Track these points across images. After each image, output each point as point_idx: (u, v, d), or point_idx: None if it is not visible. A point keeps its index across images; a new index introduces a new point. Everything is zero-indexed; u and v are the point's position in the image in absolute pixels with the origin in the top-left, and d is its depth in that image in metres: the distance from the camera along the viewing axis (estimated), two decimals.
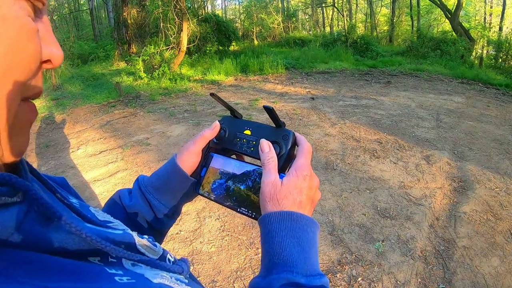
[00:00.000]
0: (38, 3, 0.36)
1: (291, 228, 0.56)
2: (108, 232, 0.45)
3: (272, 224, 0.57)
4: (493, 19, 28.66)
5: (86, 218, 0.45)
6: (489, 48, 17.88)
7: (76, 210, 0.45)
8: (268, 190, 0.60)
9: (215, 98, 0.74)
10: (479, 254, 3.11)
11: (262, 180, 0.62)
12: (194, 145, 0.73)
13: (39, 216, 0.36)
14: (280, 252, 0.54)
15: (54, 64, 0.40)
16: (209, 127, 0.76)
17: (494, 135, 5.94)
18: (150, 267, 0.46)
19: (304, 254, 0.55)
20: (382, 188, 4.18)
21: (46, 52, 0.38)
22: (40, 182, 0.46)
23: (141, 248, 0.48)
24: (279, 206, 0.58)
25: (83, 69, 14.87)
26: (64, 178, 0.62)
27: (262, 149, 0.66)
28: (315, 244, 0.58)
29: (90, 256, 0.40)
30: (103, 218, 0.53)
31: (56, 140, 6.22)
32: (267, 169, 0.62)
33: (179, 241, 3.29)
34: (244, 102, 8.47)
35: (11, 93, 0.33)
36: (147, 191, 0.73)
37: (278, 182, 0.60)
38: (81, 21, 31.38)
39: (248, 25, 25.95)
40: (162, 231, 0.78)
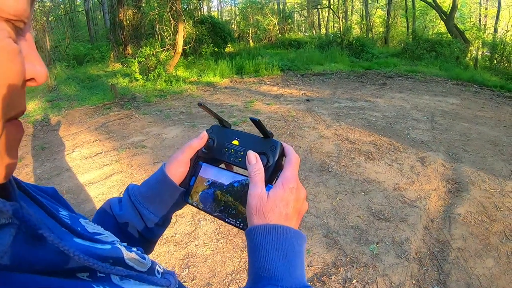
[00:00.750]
0: (19, 23, 0.36)
1: (276, 242, 0.56)
2: (96, 248, 0.45)
3: (257, 237, 0.57)
4: (488, 21, 28.82)
5: (75, 232, 0.46)
6: (484, 50, 17.98)
7: (65, 224, 0.45)
8: (254, 203, 0.60)
9: (204, 109, 0.73)
10: (474, 255, 3.12)
11: (249, 192, 0.62)
12: (182, 154, 0.73)
13: (27, 237, 0.37)
14: (265, 266, 0.54)
15: (38, 82, 0.40)
16: (197, 137, 0.76)
17: (488, 137, 5.96)
18: (138, 282, 0.47)
19: (290, 267, 0.55)
20: (377, 190, 4.19)
21: (30, 70, 0.38)
22: (28, 198, 0.46)
23: (129, 261, 0.49)
24: (265, 219, 0.58)
25: (79, 70, 14.81)
26: (54, 188, 0.62)
27: (249, 161, 0.65)
28: (301, 256, 0.58)
29: (79, 272, 0.41)
30: (92, 230, 0.53)
31: (51, 142, 6.20)
32: (253, 182, 0.62)
33: (174, 244, 3.29)
34: (239, 104, 8.47)
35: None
36: (137, 201, 0.73)
37: (264, 195, 0.60)
38: (76, 22, 31.29)
39: (244, 26, 25.98)
40: (152, 240, 0.78)
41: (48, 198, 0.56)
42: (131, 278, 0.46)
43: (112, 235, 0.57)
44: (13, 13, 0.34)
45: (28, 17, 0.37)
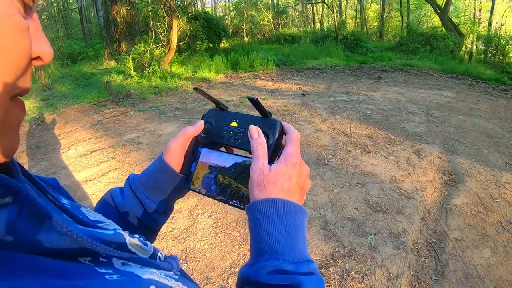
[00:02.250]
0: (29, 0, 0.36)
1: (278, 215, 0.55)
2: (98, 233, 0.44)
3: (259, 211, 0.56)
4: (483, 15, 28.87)
5: (77, 219, 0.45)
6: (479, 43, 18.01)
7: (67, 211, 0.45)
8: (256, 176, 0.59)
9: (200, 93, 0.72)
10: (471, 246, 3.14)
11: (251, 167, 0.61)
12: (175, 141, 0.72)
13: (31, 217, 0.36)
14: (267, 239, 0.54)
15: (44, 61, 0.40)
16: (193, 124, 0.75)
17: (484, 129, 5.99)
18: (140, 265, 0.46)
19: (291, 240, 0.54)
20: (374, 183, 4.20)
21: (36, 49, 0.38)
22: (31, 183, 0.46)
23: (131, 247, 0.48)
24: (266, 192, 0.57)
25: (73, 68, 14.75)
26: (55, 179, 0.62)
27: (251, 135, 0.65)
28: (303, 230, 0.58)
29: (81, 257, 0.40)
30: (94, 218, 0.53)
31: (47, 141, 6.18)
32: (256, 156, 0.62)
33: (172, 239, 3.29)
34: (235, 99, 8.46)
35: (2, 90, 0.33)
36: (138, 190, 0.73)
37: (266, 168, 0.60)
38: (70, 20, 31.10)
39: (238, 22, 25.94)
40: (154, 229, 0.77)
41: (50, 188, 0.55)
42: (134, 262, 0.46)
43: (114, 223, 0.57)
44: None
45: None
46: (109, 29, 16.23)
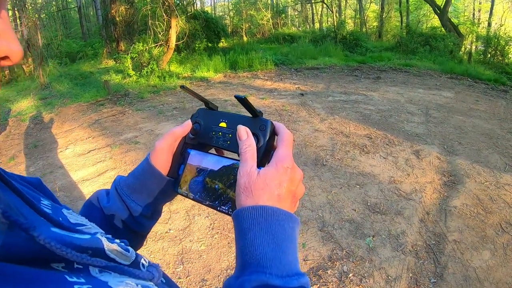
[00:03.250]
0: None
1: (265, 224, 0.51)
2: (73, 238, 0.41)
3: (244, 219, 0.52)
4: (482, 15, 28.95)
5: (53, 221, 0.42)
6: (478, 44, 18.03)
7: (43, 212, 0.42)
8: (243, 181, 0.55)
9: (186, 91, 0.68)
10: (470, 248, 3.12)
11: (238, 171, 0.57)
12: (162, 141, 0.69)
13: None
14: (253, 251, 0.50)
15: (12, 60, 0.38)
16: (181, 124, 0.71)
17: (483, 130, 5.97)
18: (118, 274, 0.43)
19: (280, 252, 0.50)
20: (372, 184, 4.17)
21: (4, 48, 0.37)
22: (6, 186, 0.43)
23: (110, 253, 0.45)
24: (253, 199, 0.53)
25: (71, 67, 14.76)
26: (39, 178, 0.59)
27: (240, 136, 0.61)
28: (294, 241, 0.53)
29: (54, 263, 0.37)
30: (75, 221, 0.50)
31: (44, 140, 6.15)
32: (243, 158, 0.58)
33: (168, 240, 3.26)
34: (233, 99, 8.42)
35: None
36: (123, 193, 0.70)
37: (253, 172, 0.55)
38: (69, 19, 31.10)
39: (237, 21, 25.97)
40: (142, 233, 0.74)
41: (31, 188, 0.53)
42: (111, 270, 0.43)
43: (97, 226, 0.54)
44: None
45: None
46: (108, 28, 16.23)
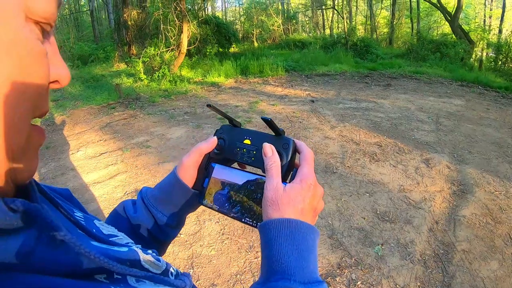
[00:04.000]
0: (47, 26, 0.37)
1: (290, 235, 0.56)
2: (114, 251, 0.46)
3: (271, 231, 0.57)
4: (493, 22, 28.70)
5: (91, 234, 0.46)
6: (489, 51, 17.88)
7: (81, 226, 0.46)
8: (270, 195, 0.60)
9: (212, 109, 0.72)
10: (478, 257, 3.12)
11: (265, 185, 0.62)
12: (189, 157, 0.73)
13: (50, 239, 0.37)
14: (279, 259, 0.54)
15: (61, 84, 0.42)
16: (206, 140, 0.76)
17: (493, 138, 5.95)
18: (153, 283, 0.47)
19: (303, 261, 0.55)
20: (382, 192, 4.18)
21: (54, 73, 0.39)
22: (46, 200, 0.47)
23: (145, 264, 0.49)
24: (280, 212, 0.58)
25: (83, 70, 14.87)
26: (68, 190, 0.63)
27: (265, 153, 0.66)
28: (314, 251, 0.58)
29: (97, 274, 0.41)
30: (107, 232, 0.54)
31: (56, 142, 6.22)
32: (269, 174, 0.62)
33: (178, 244, 3.29)
34: (244, 104, 8.47)
35: (24, 114, 0.35)
36: (150, 204, 0.74)
37: (280, 187, 0.60)
38: (81, 22, 31.41)
39: (248, 27, 26.03)
40: (165, 242, 0.78)
41: (63, 200, 0.57)
42: (147, 280, 0.47)
43: (126, 236, 0.58)
44: (43, 16, 0.36)
45: (54, 21, 0.38)
46: (120, 32, 16.37)
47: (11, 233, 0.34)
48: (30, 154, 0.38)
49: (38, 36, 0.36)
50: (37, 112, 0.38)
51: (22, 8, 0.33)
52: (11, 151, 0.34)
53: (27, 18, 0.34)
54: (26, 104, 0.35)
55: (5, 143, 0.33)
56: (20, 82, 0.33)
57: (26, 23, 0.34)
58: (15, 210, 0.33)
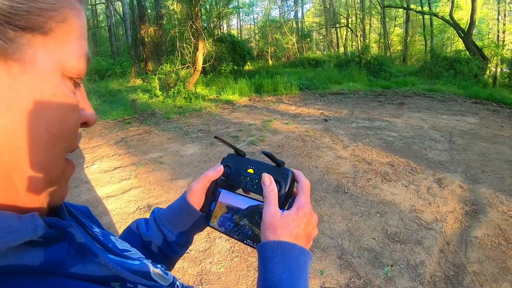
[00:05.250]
0: (78, 79, 0.45)
1: (283, 256, 0.62)
2: (128, 263, 0.53)
3: (267, 251, 0.63)
4: (507, 37, 28.45)
5: (108, 248, 0.54)
6: (503, 66, 17.67)
7: (99, 241, 0.54)
8: (268, 219, 0.67)
9: (219, 141, 0.81)
10: (490, 279, 3.08)
11: (264, 210, 0.68)
12: (197, 184, 0.81)
13: (77, 252, 0.45)
14: (272, 277, 0.61)
15: (89, 124, 0.51)
16: (213, 168, 0.83)
17: (507, 157, 5.89)
18: None
19: (293, 280, 0.61)
20: (393, 212, 4.17)
21: (84, 115, 0.48)
22: (72, 218, 0.55)
23: (154, 276, 0.56)
24: (276, 235, 0.65)
25: (100, 84, 15.17)
26: (87, 207, 0.70)
27: (264, 182, 0.73)
28: (306, 272, 0.64)
29: (113, 282, 0.48)
30: (122, 247, 0.61)
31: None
32: (268, 201, 0.70)
33: (188, 260, 3.33)
34: (257, 123, 8.54)
35: (61, 153, 0.44)
36: (161, 224, 0.81)
37: (277, 213, 0.67)
38: (99, 37, 32.14)
39: (263, 45, 26.29)
40: (174, 258, 0.85)
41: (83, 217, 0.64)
42: None
43: (138, 252, 0.65)
44: (76, 73, 0.44)
45: (84, 74, 0.46)
46: (137, 48, 16.68)
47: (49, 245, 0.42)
48: (63, 183, 0.48)
49: (71, 89, 0.44)
50: (69, 149, 0.46)
51: (59, 67, 0.41)
52: (50, 180, 0.43)
53: (63, 76, 0.42)
54: (63, 144, 0.43)
55: (46, 174, 0.42)
56: (58, 128, 0.41)
57: (62, 80, 0.42)
58: (51, 226, 0.42)
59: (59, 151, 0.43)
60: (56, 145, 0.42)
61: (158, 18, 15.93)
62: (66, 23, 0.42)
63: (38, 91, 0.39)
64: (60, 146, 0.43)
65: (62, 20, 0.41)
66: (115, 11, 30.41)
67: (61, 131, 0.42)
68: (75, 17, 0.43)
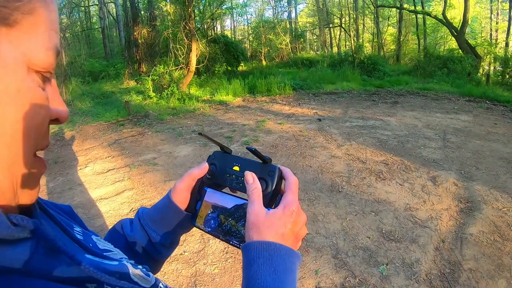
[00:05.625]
0: (47, 73, 0.43)
1: (268, 257, 0.59)
2: (105, 264, 0.49)
3: (251, 252, 0.60)
4: (499, 35, 28.65)
5: (86, 248, 0.51)
6: (496, 65, 17.74)
7: (77, 240, 0.51)
8: (252, 218, 0.63)
9: (204, 137, 0.77)
10: (486, 276, 3.08)
11: (247, 209, 0.65)
12: (182, 182, 0.77)
13: (46, 250, 0.42)
14: (256, 279, 0.57)
15: (61, 121, 0.48)
16: (198, 166, 0.80)
17: (501, 154, 5.90)
18: None
19: (279, 282, 0.57)
20: (388, 211, 4.16)
21: (54, 112, 0.46)
22: (46, 216, 0.52)
23: (134, 277, 0.53)
24: (261, 235, 0.61)
25: (94, 86, 15.12)
26: (70, 206, 0.67)
27: (246, 181, 0.69)
28: (293, 273, 0.61)
29: (88, 283, 0.45)
30: (103, 247, 0.58)
31: (65, 157, 6.31)
32: (251, 199, 0.66)
33: (182, 261, 3.30)
34: (251, 123, 8.52)
35: (27, 150, 0.41)
36: (146, 224, 0.78)
37: (261, 212, 0.63)
38: (92, 39, 32.00)
39: (257, 45, 26.26)
40: (159, 260, 0.82)
41: (64, 215, 0.61)
42: None
43: (121, 252, 0.61)
44: (43, 66, 0.41)
45: (53, 68, 0.44)
46: (130, 50, 16.62)
47: (13, 243, 0.39)
48: (32, 182, 0.44)
49: (39, 84, 0.42)
50: (39, 146, 0.44)
51: (24, 62, 0.39)
52: (16, 180, 0.41)
53: (29, 69, 0.40)
54: (30, 142, 0.41)
55: (12, 174, 0.40)
56: (24, 125, 0.39)
57: (28, 74, 0.40)
58: (16, 224, 0.39)
59: (25, 149, 0.40)
60: (21, 143, 0.39)
61: (151, 19, 15.89)
62: (33, 15, 0.40)
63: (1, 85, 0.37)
64: (26, 144, 0.40)
65: (29, 11, 0.39)
66: (108, 12, 30.29)
67: (26, 128, 0.39)
68: (43, 9, 0.41)
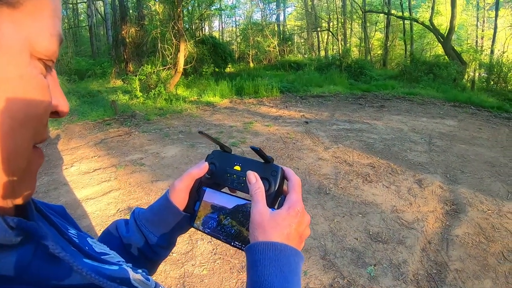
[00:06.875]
0: (49, 62, 0.41)
1: (274, 258, 0.58)
2: (105, 269, 0.48)
3: (257, 253, 0.59)
4: (485, 42, 29.07)
5: (83, 252, 0.49)
6: (481, 71, 18.03)
7: (74, 243, 0.49)
8: (256, 219, 0.62)
9: (204, 136, 0.76)
10: (472, 276, 3.11)
11: (251, 210, 0.63)
12: (181, 182, 0.75)
13: (45, 255, 0.40)
14: (263, 281, 0.56)
15: (61, 115, 0.45)
16: (197, 165, 0.78)
17: (486, 158, 6.00)
18: None
19: (286, 283, 0.56)
20: (375, 212, 4.19)
21: (55, 103, 0.43)
22: (43, 218, 0.50)
23: (134, 282, 0.51)
24: (266, 235, 0.60)
25: (80, 85, 14.93)
26: (63, 206, 0.65)
27: (249, 181, 0.68)
28: (298, 274, 0.60)
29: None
30: (99, 250, 0.56)
31: (50, 156, 6.21)
32: (255, 200, 0.64)
33: (170, 263, 3.27)
34: (238, 125, 8.51)
35: (26, 141, 0.38)
36: (142, 225, 0.75)
37: (266, 212, 0.62)
38: (80, 37, 31.67)
39: (244, 47, 26.30)
40: (156, 261, 0.80)
41: (57, 217, 0.59)
42: None
43: (118, 255, 0.60)
44: (46, 54, 0.39)
45: (56, 57, 0.42)
46: (118, 49, 16.51)
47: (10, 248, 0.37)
48: (30, 175, 0.42)
49: (41, 71, 0.40)
50: (38, 138, 0.41)
51: (27, 47, 0.37)
52: (13, 173, 0.38)
53: (31, 56, 0.38)
54: (29, 132, 0.38)
55: (8, 166, 0.37)
56: (25, 113, 0.37)
57: (30, 60, 0.38)
58: (13, 227, 0.37)
59: (25, 139, 0.38)
60: (21, 133, 0.37)
61: (140, 18, 15.83)
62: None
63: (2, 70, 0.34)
64: (26, 134, 0.38)
65: None
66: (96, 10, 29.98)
67: (27, 117, 0.37)
68: None
